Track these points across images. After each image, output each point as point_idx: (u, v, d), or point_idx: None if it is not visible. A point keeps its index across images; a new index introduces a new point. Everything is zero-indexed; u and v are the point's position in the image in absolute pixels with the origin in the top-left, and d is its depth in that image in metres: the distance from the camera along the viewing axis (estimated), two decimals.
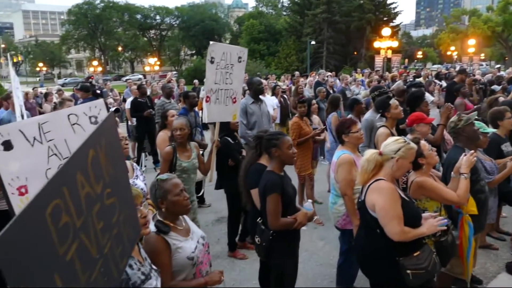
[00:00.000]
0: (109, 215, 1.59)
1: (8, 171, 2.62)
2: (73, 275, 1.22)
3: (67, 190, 1.25)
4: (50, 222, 1.12)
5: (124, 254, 1.72)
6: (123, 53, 78.87)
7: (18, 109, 4.42)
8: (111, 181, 1.63)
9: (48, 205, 1.13)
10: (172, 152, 4.35)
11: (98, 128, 1.61)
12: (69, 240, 1.22)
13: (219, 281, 2.67)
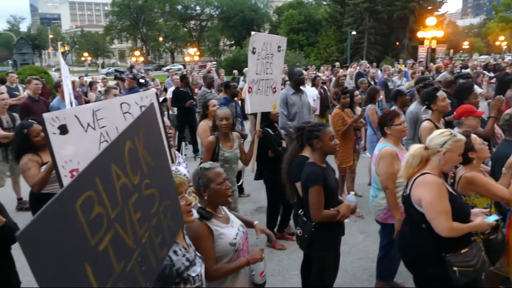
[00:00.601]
0: (147, 205, 1.60)
1: (62, 154, 2.74)
2: (106, 265, 1.24)
3: (100, 181, 1.26)
4: (81, 213, 1.14)
5: (163, 245, 1.74)
6: (164, 44, 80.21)
7: (67, 97, 4.60)
8: (150, 172, 1.64)
9: (79, 197, 1.14)
10: (215, 142, 4.40)
11: (136, 119, 1.60)
12: (102, 231, 1.23)
13: (261, 259, 2.68)
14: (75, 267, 1.08)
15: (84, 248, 1.13)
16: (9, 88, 9.58)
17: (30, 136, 3.78)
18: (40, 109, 6.85)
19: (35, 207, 3.92)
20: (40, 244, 0.96)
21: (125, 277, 1.32)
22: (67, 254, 1.05)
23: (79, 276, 1.09)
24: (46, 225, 0.99)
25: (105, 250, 1.22)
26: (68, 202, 1.09)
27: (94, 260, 1.16)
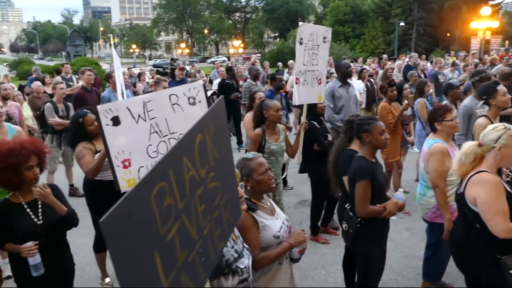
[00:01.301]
0: (211, 198, 1.64)
1: (115, 145, 2.84)
2: (172, 255, 1.27)
3: (173, 173, 1.30)
4: (155, 203, 1.17)
5: (222, 237, 1.77)
6: (209, 36, 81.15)
7: (119, 88, 4.75)
8: (216, 165, 1.67)
9: (154, 187, 1.18)
10: (262, 134, 4.41)
11: (208, 113, 1.64)
12: (171, 221, 1.27)
13: (304, 241, 2.66)
14: (146, 254, 1.12)
15: (155, 237, 1.17)
16: (64, 78, 10.03)
17: (85, 125, 3.93)
18: (92, 99, 7.13)
19: (88, 193, 4.09)
20: (119, 230, 1.01)
21: (187, 267, 1.36)
22: (140, 242, 1.09)
23: (149, 264, 1.13)
24: (125, 213, 1.03)
25: (172, 240, 1.26)
26: (145, 192, 1.13)
27: (162, 249, 1.20)
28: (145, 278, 1.11)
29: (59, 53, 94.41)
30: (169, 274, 1.23)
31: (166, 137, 2.94)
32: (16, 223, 2.73)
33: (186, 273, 1.35)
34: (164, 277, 1.20)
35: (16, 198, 2.80)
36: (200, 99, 2.94)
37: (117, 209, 1.00)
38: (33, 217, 2.78)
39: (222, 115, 1.85)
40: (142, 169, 2.91)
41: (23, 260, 2.73)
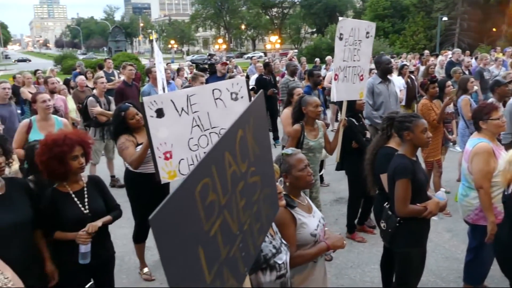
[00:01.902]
0: (251, 193, 1.64)
1: (158, 137, 2.91)
2: (215, 250, 1.29)
3: (216, 169, 1.30)
4: (199, 199, 1.19)
5: (261, 232, 1.77)
6: (246, 31, 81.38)
7: (160, 82, 4.84)
8: (256, 160, 1.67)
9: (198, 184, 1.19)
10: (300, 130, 4.39)
11: (248, 108, 1.64)
12: (214, 216, 1.28)
13: (342, 246, 2.64)
14: (191, 249, 1.14)
15: (199, 232, 1.19)
16: (106, 73, 10.34)
17: (127, 118, 4.03)
18: (133, 93, 7.31)
19: (129, 185, 4.20)
20: (166, 226, 1.03)
21: (228, 262, 1.37)
22: (185, 237, 1.12)
23: (194, 259, 1.15)
24: (172, 210, 1.05)
25: (215, 235, 1.28)
26: (190, 189, 1.15)
27: (206, 245, 1.21)
28: (190, 272, 1.13)
29: (100, 49, 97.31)
30: (212, 269, 1.24)
31: (207, 131, 2.99)
32: (64, 211, 2.84)
33: (227, 268, 1.37)
34: (207, 272, 1.21)
35: (63, 187, 2.91)
36: (243, 95, 2.97)
37: (164, 206, 1.02)
38: (80, 206, 2.89)
39: (262, 110, 1.85)
40: (183, 162, 2.97)
41: (67, 248, 2.85)
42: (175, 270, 1.06)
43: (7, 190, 2.66)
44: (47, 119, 4.52)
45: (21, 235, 2.64)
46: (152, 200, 4.12)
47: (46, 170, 2.82)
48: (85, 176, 3.06)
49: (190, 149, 2.97)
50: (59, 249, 2.96)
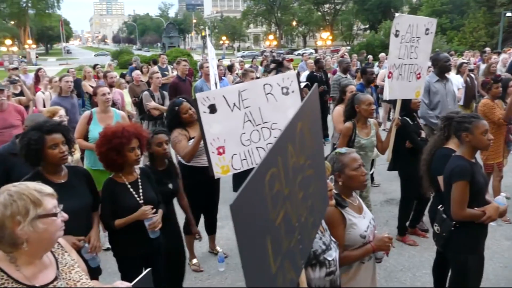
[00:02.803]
0: (307, 186, 1.64)
1: (211, 132, 2.97)
2: (279, 240, 1.29)
3: (281, 159, 1.32)
4: (268, 188, 1.20)
5: (314, 226, 1.77)
6: (297, 28, 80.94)
7: (212, 78, 4.93)
8: (311, 153, 1.68)
9: (267, 172, 1.21)
10: (352, 128, 4.32)
11: (305, 101, 1.65)
12: (278, 206, 1.29)
13: (388, 248, 2.57)
14: (260, 238, 1.15)
15: (267, 221, 1.20)
16: (160, 68, 10.65)
17: (180, 112, 4.13)
18: (186, 88, 7.49)
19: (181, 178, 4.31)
20: (243, 213, 1.05)
21: (289, 254, 1.38)
22: (257, 225, 1.13)
23: (262, 248, 1.16)
24: (248, 197, 1.08)
25: (279, 226, 1.29)
26: (261, 177, 1.16)
27: (273, 234, 1.23)
28: (260, 260, 1.15)
29: (155, 44, 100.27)
30: (276, 259, 1.25)
31: (259, 126, 3.01)
32: (121, 201, 2.99)
33: (288, 259, 1.37)
34: (273, 261, 1.22)
35: (120, 178, 3.04)
36: (293, 89, 2.96)
37: (242, 193, 1.04)
38: (136, 196, 3.01)
39: (316, 104, 1.85)
40: (235, 157, 3.01)
41: (124, 235, 2.99)
42: (249, 258, 1.08)
43: (69, 178, 2.81)
44: (107, 111, 4.73)
45: (81, 220, 2.79)
46: (203, 193, 4.24)
47: (105, 161, 2.96)
48: (137, 168, 3.19)
49: (243, 144, 3.01)
50: (116, 237, 3.10)
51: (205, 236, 4.74)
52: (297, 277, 1.51)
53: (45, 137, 2.65)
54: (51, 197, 1.69)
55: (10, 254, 1.65)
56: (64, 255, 1.86)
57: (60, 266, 1.80)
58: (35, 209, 1.62)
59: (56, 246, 1.85)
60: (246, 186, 1.06)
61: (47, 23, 71.44)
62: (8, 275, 1.62)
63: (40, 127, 2.71)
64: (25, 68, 12.67)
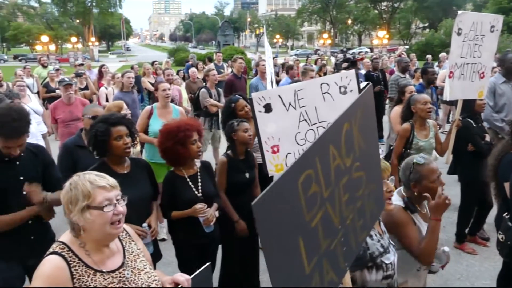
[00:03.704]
0: (355, 188, 1.62)
1: (265, 131, 2.99)
2: (315, 241, 1.29)
3: (319, 161, 1.30)
4: (301, 190, 1.20)
5: (364, 228, 1.74)
6: (352, 26, 79.48)
7: (268, 76, 4.96)
8: (361, 155, 1.64)
9: (301, 174, 1.20)
10: (410, 129, 4.21)
11: (356, 101, 1.61)
12: (315, 208, 1.28)
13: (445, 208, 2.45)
14: (291, 238, 1.16)
15: (300, 222, 1.21)
16: (216, 65, 10.85)
17: (236, 109, 4.21)
18: (241, 85, 7.58)
19: None
20: (268, 213, 1.06)
21: (328, 255, 1.37)
22: (286, 225, 1.14)
23: (293, 248, 1.17)
24: (274, 198, 1.08)
25: (315, 227, 1.29)
26: (293, 179, 1.17)
27: (306, 235, 1.23)
28: (289, 260, 1.16)
29: (209, 42, 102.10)
30: (311, 260, 1.26)
31: (315, 125, 2.99)
32: (180, 193, 3.10)
33: (327, 261, 1.37)
34: (306, 262, 1.23)
35: (180, 171, 3.16)
36: (352, 89, 2.91)
37: (267, 194, 1.05)
38: (194, 190, 3.11)
39: (370, 104, 1.80)
40: (290, 156, 3.01)
41: (182, 226, 3.12)
42: (275, 255, 1.08)
43: (131, 169, 2.95)
44: (166, 106, 4.90)
45: (141, 210, 2.92)
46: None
47: (170, 155, 3.08)
48: (198, 161, 3.28)
49: (297, 144, 3.00)
50: (175, 226, 3.22)
51: None
52: (339, 278, 1.49)
53: (111, 129, 2.79)
54: (104, 190, 1.74)
55: (79, 239, 1.76)
56: (131, 244, 1.94)
57: (126, 254, 1.88)
58: (84, 200, 1.70)
59: (124, 235, 1.94)
60: (272, 187, 1.06)
61: (109, 21, 74.90)
62: (80, 259, 1.73)
63: (106, 119, 2.86)
64: (89, 64, 13.36)
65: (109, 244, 1.82)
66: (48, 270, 1.68)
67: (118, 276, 1.79)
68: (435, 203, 2.42)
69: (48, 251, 1.75)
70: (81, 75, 9.14)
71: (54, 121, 5.62)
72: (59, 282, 1.67)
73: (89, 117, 3.76)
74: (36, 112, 6.03)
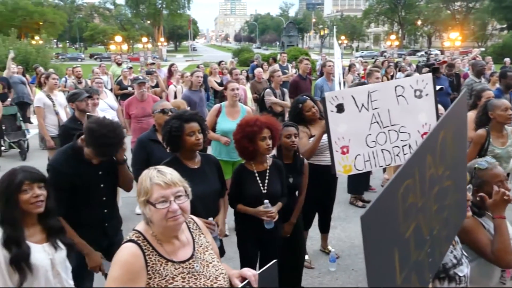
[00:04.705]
0: (444, 197, 1.58)
1: (336, 131, 2.98)
2: (407, 252, 1.27)
3: (418, 171, 1.28)
4: (401, 201, 1.18)
5: (448, 239, 1.69)
6: (422, 27, 76.40)
7: (337, 77, 4.92)
8: (452, 163, 1.61)
9: (402, 185, 1.19)
10: (486, 136, 3.99)
11: (452, 108, 1.58)
12: (410, 219, 1.26)
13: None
14: (388, 250, 1.15)
15: (396, 233, 1.19)
16: (281, 66, 10.88)
17: (303, 110, 4.20)
18: (306, 86, 7.57)
19: None
20: (373, 225, 1.06)
21: (416, 267, 1.35)
22: (386, 237, 1.13)
23: (389, 259, 1.16)
24: (379, 210, 1.08)
25: (408, 238, 1.26)
26: (394, 190, 1.16)
27: (401, 247, 1.21)
28: (385, 272, 1.15)
29: (273, 43, 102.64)
30: (402, 271, 1.24)
31: (387, 128, 2.94)
32: (246, 187, 3.18)
33: (415, 273, 1.34)
34: (399, 274, 1.21)
35: (250, 166, 3.24)
36: (428, 92, 2.83)
37: (374, 206, 1.05)
38: (261, 186, 3.17)
39: (463, 112, 1.76)
40: (359, 157, 2.98)
41: (243, 219, 3.22)
42: (375, 268, 1.08)
43: (202, 164, 3.05)
44: (235, 105, 5.01)
45: (209, 204, 3.01)
46: (320, 191, 4.26)
47: (239, 148, 3.18)
48: (270, 159, 3.33)
49: (367, 145, 2.97)
50: (239, 217, 3.31)
51: (317, 234, 4.78)
52: None
53: (184, 125, 2.91)
54: (159, 187, 1.79)
55: (151, 229, 1.85)
56: (200, 237, 2.01)
57: (196, 246, 1.95)
58: (144, 195, 1.80)
59: (194, 227, 2.01)
60: (379, 198, 1.06)
61: (178, 22, 77.67)
62: (153, 248, 1.82)
63: (180, 116, 2.99)
64: (158, 63, 13.94)
65: (179, 235, 1.89)
66: (125, 256, 1.78)
67: (187, 267, 1.84)
68: (492, 201, 2.31)
69: (126, 239, 1.86)
70: (152, 73, 9.57)
71: (128, 116, 5.94)
72: (135, 268, 1.76)
73: (158, 112, 3.97)
74: (111, 107, 6.38)
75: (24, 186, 2.26)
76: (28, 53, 21.77)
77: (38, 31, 53.26)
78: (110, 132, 2.74)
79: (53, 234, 2.40)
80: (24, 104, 10.58)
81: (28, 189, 2.27)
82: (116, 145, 2.82)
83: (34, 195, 2.27)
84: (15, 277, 2.19)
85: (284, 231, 3.54)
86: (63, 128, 4.71)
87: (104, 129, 2.73)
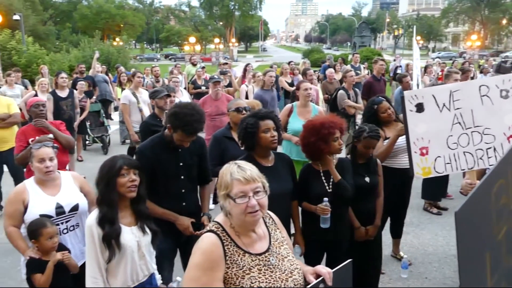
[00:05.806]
0: None
1: (415, 131, 2.88)
2: (499, 256, 1.21)
3: (511, 171, 1.23)
4: (494, 200, 1.14)
5: None
6: (507, 27, 71.16)
7: (415, 78, 4.76)
8: None
9: (495, 184, 1.15)
10: None
11: None
12: (502, 221, 1.21)
13: None
14: (481, 251, 1.12)
15: (489, 234, 1.16)
16: (353, 67, 10.71)
17: (379, 111, 4.11)
18: (380, 87, 7.40)
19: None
20: (467, 222, 1.04)
21: (507, 274, 1.29)
22: (479, 237, 1.10)
23: (480, 262, 1.12)
24: (473, 206, 1.06)
25: (501, 241, 1.22)
26: (487, 189, 1.13)
27: (493, 249, 1.17)
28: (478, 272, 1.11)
29: (344, 44, 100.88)
30: (494, 275, 1.19)
31: (469, 129, 2.80)
32: (311, 186, 3.19)
33: (506, 280, 1.28)
34: (490, 276, 1.17)
35: (316, 165, 3.24)
36: None
37: (469, 202, 1.02)
38: (325, 185, 3.15)
39: None
40: (439, 159, 2.87)
41: (309, 219, 3.23)
42: (467, 268, 1.05)
43: (275, 163, 3.09)
44: (306, 105, 5.02)
45: (281, 203, 3.03)
46: (394, 195, 4.13)
47: (311, 150, 3.17)
48: (336, 158, 3.30)
49: (448, 147, 2.84)
50: (305, 217, 3.32)
51: (388, 239, 4.64)
52: None
53: (259, 122, 2.98)
54: (239, 182, 1.83)
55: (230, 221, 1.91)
56: (276, 231, 2.05)
57: (272, 240, 1.99)
58: (225, 189, 1.85)
59: (270, 222, 2.06)
60: (473, 194, 1.03)
61: (249, 23, 78.82)
62: (231, 239, 1.89)
63: (256, 114, 3.06)
64: (230, 64, 14.26)
65: (255, 229, 1.94)
66: (205, 245, 1.86)
67: (264, 260, 1.88)
68: None
69: (206, 229, 1.95)
70: (226, 73, 9.82)
71: None
72: (215, 256, 1.83)
73: (232, 110, 4.08)
74: None
75: (123, 170, 2.53)
76: (110, 53, 23.27)
77: (119, 33, 56.75)
78: (192, 110, 2.96)
79: (142, 219, 2.63)
80: (106, 101, 11.29)
81: (126, 174, 2.53)
82: (200, 120, 2.98)
83: (130, 179, 2.53)
84: (106, 254, 2.45)
85: (368, 234, 3.48)
86: (143, 124, 4.97)
87: (185, 108, 2.96)
